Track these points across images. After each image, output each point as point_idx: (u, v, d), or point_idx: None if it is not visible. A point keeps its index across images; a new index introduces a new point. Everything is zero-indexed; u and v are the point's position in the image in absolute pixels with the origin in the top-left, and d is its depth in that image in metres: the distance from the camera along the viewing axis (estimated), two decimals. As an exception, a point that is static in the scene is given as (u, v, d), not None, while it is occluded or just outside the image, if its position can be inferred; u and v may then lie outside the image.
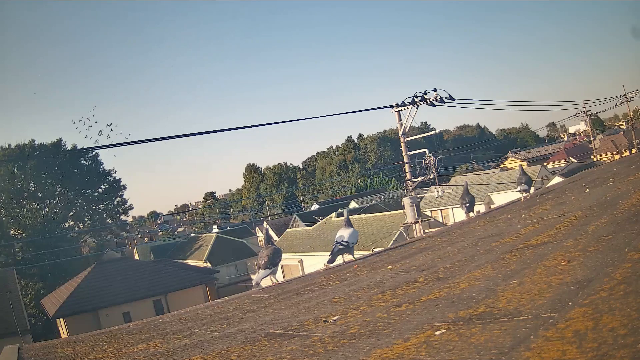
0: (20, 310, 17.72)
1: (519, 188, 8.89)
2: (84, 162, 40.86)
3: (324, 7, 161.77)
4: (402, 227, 16.89)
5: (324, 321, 2.73)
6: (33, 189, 38.18)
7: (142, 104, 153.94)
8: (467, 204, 8.99)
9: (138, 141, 8.61)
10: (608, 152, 44.38)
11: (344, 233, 6.12)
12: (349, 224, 6.33)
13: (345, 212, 6.66)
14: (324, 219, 28.75)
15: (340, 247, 6.05)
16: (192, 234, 53.61)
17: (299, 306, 3.54)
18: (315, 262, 22.62)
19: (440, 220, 30.08)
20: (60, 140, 39.26)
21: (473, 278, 2.91)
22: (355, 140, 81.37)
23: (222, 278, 30.49)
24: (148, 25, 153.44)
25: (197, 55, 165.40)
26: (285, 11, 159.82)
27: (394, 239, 19.92)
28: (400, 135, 15.41)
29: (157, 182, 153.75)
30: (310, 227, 28.99)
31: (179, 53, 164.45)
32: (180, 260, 34.62)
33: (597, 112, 38.57)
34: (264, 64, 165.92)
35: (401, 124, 15.16)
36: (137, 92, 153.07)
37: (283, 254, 6.30)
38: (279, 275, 7.23)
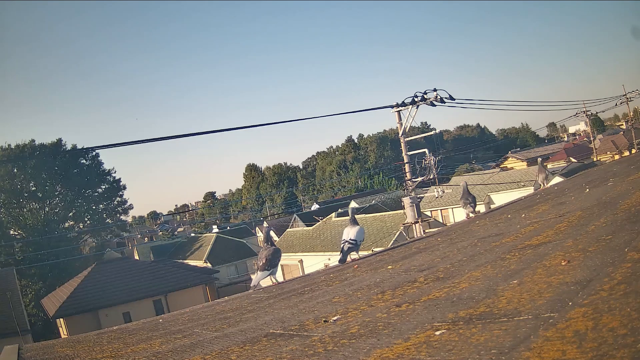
0: (20, 310, 17.71)
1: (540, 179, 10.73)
2: (84, 162, 40.87)
3: (324, 7, 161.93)
4: (402, 227, 16.88)
5: (324, 321, 2.73)
6: (33, 189, 38.16)
7: (142, 104, 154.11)
8: (471, 203, 9.06)
9: (138, 141, 8.63)
10: (608, 152, 44.37)
11: (351, 231, 6.15)
12: (354, 222, 6.35)
13: (350, 210, 6.68)
14: (324, 219, 28.74)
15: (350, 245, 6.08)
16: (192, 234, 53.64)
17: (299, 306, 3.54)
18: (315, 262, 22.64)
19: (440, 220, 30.06)
20: (60, 140, 39.31)
21: (473, 278, 2.91)
22: (355, 140, 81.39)
23: (222, 278, 30.49)
24: (149, 27, 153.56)
25: (198, 56, 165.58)
26: (285, 12, 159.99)
27: (394, 239, 19.92)
28: (400, 135, 15.41)
29: (157, 182, 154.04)
30: (310, 227, 28.99)
31: (179, 53, 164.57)
32: (180, 260, 34.62)
33: (597, 112, 38.67)
34: (264, 64, 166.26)
35: (401, 124, 15.15)
36: (138, 92, 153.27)
37: (283, 254, 6.31)
38: (279, 275, 7.23)
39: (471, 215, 9.01)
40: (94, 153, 39.58)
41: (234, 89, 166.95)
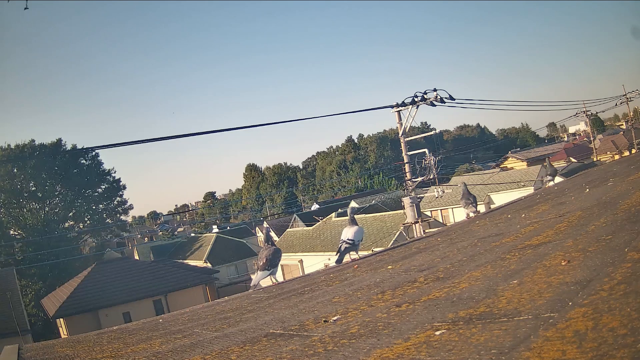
0: (20, 310, 17.70)
1: (547, 178, 10.85)
2: (84, 162, 40.88)
3: (324, 7, 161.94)
4: (402, 227, 16.88)
5: (324, 321, 2.73)
6: (33, 189, 38.18)
7: (142, 104, 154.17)
8: (473, 203, 9.08)
9: (138, 141, 8.64)
10: (608, 152, 44.39)
11: (349, 231, 6.13)
12: (353, 221, 6.34)
13: (349, 210, 6.66)
14: (324, 219, 28.74)
15: (347, 245, 6.06)
16: (192, 234, 53.64)
17: (299, 306, 3.54)
18: (315, 262, 22.64)
19: (440, 220, 30.06)
20: (60, 140, 39.34)
21: (473, 278, 2.91)
22: (355, 140, 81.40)
23: (222, 278, 30.49)
24: (149, 27, 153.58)
25: (198, 56, 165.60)
26: (285, 12, 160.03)
27: (394, 239, 19.93)
28: (400, 135, 15.41)
29: (157, 182, 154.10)
30: (310, 227, 28.99)
31: (179, 53, 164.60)
32: (180, 260, 34.62)
33: (597, 112, 38.70)
34: (264, 64, 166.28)
35: (401, 124, 15.15)
36: (138, 92, 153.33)
37: (283, 254, 6.30)
38: (279, 275, 7.22)
39: (472, 215, 9.01)
40: (93, 153, 39.66)
41: (234, 89, 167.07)
